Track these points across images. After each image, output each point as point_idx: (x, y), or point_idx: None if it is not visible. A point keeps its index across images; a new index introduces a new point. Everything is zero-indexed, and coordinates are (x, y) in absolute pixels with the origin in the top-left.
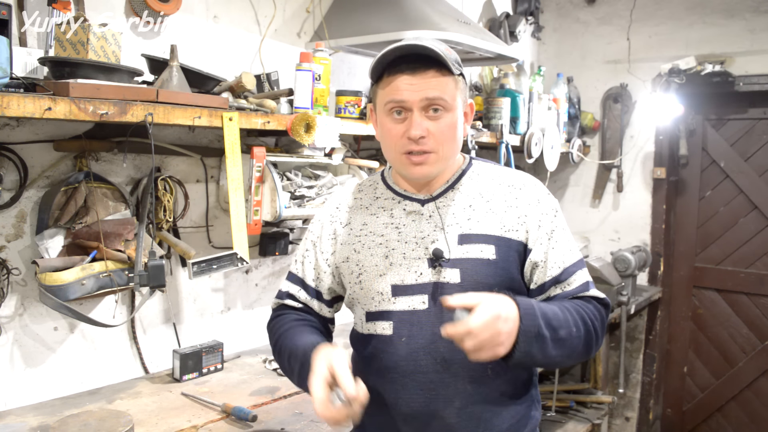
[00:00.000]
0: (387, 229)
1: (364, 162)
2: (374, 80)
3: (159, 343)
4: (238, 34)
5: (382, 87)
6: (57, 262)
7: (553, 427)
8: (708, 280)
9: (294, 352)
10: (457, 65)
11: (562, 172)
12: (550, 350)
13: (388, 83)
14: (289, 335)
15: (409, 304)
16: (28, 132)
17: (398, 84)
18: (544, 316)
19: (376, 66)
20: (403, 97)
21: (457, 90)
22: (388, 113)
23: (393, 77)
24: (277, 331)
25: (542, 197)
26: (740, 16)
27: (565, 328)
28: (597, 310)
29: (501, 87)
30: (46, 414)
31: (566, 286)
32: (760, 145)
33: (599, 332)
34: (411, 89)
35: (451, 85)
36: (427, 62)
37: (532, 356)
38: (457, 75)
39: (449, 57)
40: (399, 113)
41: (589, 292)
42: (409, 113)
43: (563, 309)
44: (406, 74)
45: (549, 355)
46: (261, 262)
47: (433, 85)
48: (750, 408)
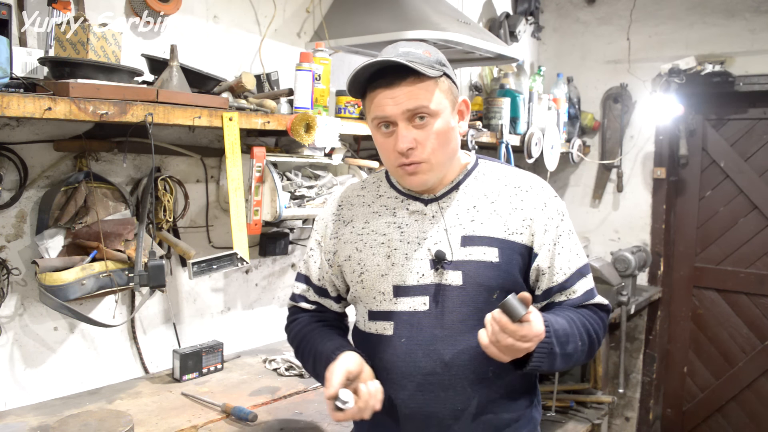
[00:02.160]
0: (389, 228)
1: (364, 162)
2: (357, 97)
3: (159, 343)
4: (238, 34)
5: (367, 104)
6: (57, 262)
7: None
8: (708, 280)
9: (318, 357)
10: (438, 66)
11: (562, 172)
12: (557, 364)
13: (371, 100)
14: (309, 339)
15: (410, 305)
16: (28, 132)
17: (379, 100)
18: (556, 334)
19: (354, 85)
20: (386, 113)
21: (440, 92)
22: (377, 128)
23: (373, 93)
24: (297, 335)
25: (549, 200)
26: (740, 16)
27: (573, 342)
28: (600, 319)
29: (501, 87)
30: (46, 414)
31: (571, 294)
32: (760, 145)
33: (601, 340)
34: (391, 103)
35: (432, 90)
36: (402, 73)
37: (540, 369)
38: (438, 77)
39: (427, 60)
40: (386, 127)
41: (593, 300)
42: (396, 126)
43: (571, 323)
44: (384, 89)
45: (556, 368)
46: (261, 262)
47: (413, 95)
48: (750, 408)
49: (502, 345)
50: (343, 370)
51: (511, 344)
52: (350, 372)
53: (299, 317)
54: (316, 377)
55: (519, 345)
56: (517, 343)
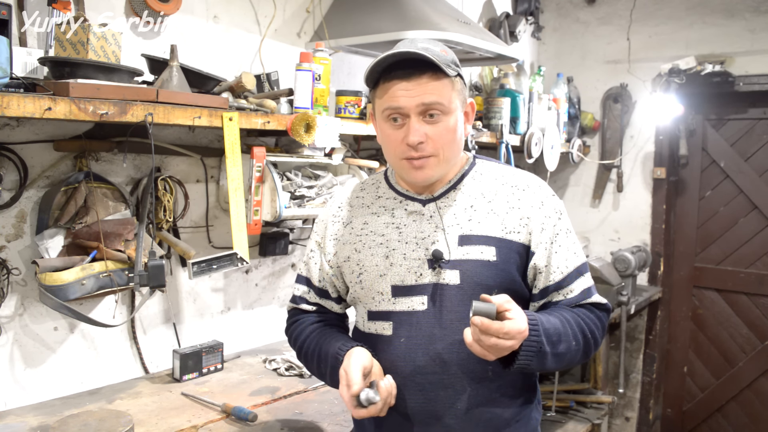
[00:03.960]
0: (388, 228)
1: (364, 162)
2: (370, 87)
3: (159, 343)
4: (238, 34)
5: (379, 94)
6: (57, 262)
7: (553, 427)
8: (708, 280)
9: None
10: (454, 66)
11: (562, 172)
12: (549, 364)
13: (385, 90)
14: (313, 340)
15: (408, 305)
16: (28, 132)
17: (394, 91)
18: (546, 333)
19: (371, 74)
20: (400, 104)
21: (454, 91)
22: (387, 119)
23: (388, 84)
24: (300, 336)
25: (546, 199)
26: (740, 16)
27: (565, 342)
28: (598, 318)
29: (501, 87)
30: (46, 414)
31: (568, 293)
32: (760, 145)
33: (598, 341)
34: (407, 95)
35: (447, 88)
36: (421, 66)
37: (529, 368)
38: (454, 76)
39: (444, 59)
40: (397, 119)
41: (591, 299)
42: (407, 119)
43: (564, 322)
44: (401, 80)
45: (547, 367)
46: (261, 262)
47: (429, 89)
48: (750, 408)
49: (486, 344)
50: (359, 366)
51: (494, 343)
52: (365, 368)
53: (300, 319)
54: (321, 377)
55: (503, 343)
56: (501, 342)
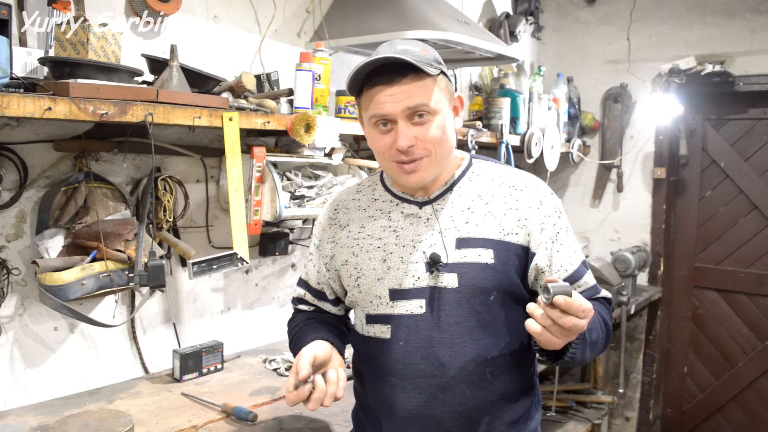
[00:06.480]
0: (385, 232)
1: (364, 162)
2: (354, 95)
3: (159, 343)
4: (238, 34)
5: (364, 102)
6: (57, 262)
7: (553, 427)
8: (708, 280)
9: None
10: (436, 64)
11: (562, 172)
12: (587, 353)
13: (369, 98)
14: (299, 334)
15: (407, 309)
16: (28, 132)
17: (379, 98)
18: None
19: (353, 82)
20: (385, 111)
21: (439, 90)
22: (374, 126)
23: (372, 91)
24: (291, 331)
25: (544, 199)
26: (740, 16)
27: (596, 330)
28: (608, 310)
29: (501, 87)
30: (46, 414)
31: (576, 289)
32: (760, 145)
33: (611, 332)
34: (392, 101)
35: (431, 87)
36: (402, 70)
37: (575, 359)
38: (437, 75)
39: (425, 59)
40: (384, 125)
41: (600, 294)
42: (395, 124)
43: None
44: (384, 86)
45: (586, 357)
46: (261, 262)
47: (413, 92)
48: (750, 408)
49: (567, 325)
50: (311, 355)
51: (574, 323)
52: (316, 357)
53: (296, 316)
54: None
55: (581, 323)
56: (579, 321)
